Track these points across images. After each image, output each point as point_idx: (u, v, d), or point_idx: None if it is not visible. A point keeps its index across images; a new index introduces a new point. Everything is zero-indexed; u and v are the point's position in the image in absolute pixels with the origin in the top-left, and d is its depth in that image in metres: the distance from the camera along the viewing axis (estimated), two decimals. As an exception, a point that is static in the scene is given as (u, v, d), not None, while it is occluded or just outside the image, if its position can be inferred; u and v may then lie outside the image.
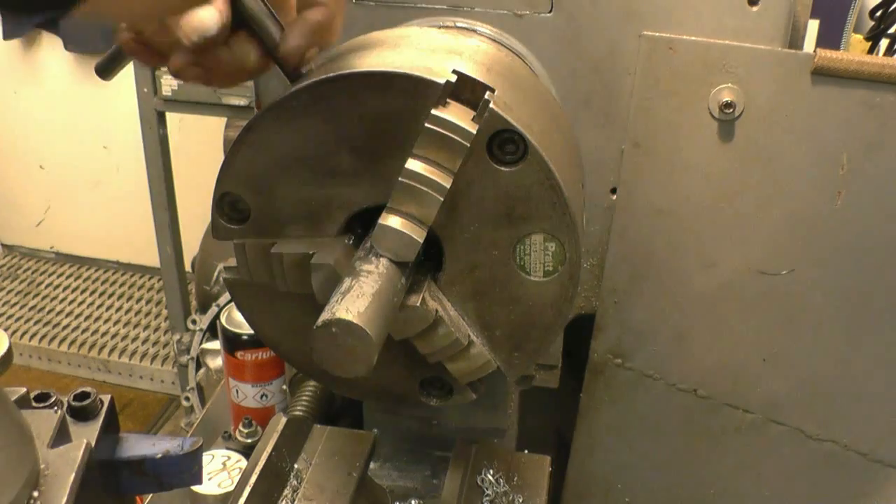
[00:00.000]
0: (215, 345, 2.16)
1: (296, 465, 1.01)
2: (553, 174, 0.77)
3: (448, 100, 0.74)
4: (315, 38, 0.83)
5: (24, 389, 0.64)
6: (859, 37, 1.61)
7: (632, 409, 1.22)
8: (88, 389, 0.66)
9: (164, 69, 2.71)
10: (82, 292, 3.84)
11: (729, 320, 1.14)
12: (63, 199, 3.96)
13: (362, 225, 0.85)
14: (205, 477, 1.15)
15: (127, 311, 3.70)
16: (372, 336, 0.68)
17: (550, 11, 1.05)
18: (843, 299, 1.09)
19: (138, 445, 0.67)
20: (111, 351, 3.46)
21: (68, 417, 0.64)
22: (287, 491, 0.98)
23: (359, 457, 1.03)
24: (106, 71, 0.94)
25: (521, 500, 1.02)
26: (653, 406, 1.21)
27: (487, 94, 0.75)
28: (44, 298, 3.80)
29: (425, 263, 0.84)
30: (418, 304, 0.81)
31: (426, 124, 0.73)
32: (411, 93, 0.76)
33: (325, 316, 0.69)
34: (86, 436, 0.62)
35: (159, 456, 0.66)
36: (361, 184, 0.81)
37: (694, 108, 1.05)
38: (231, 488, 1.15)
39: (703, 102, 1.04)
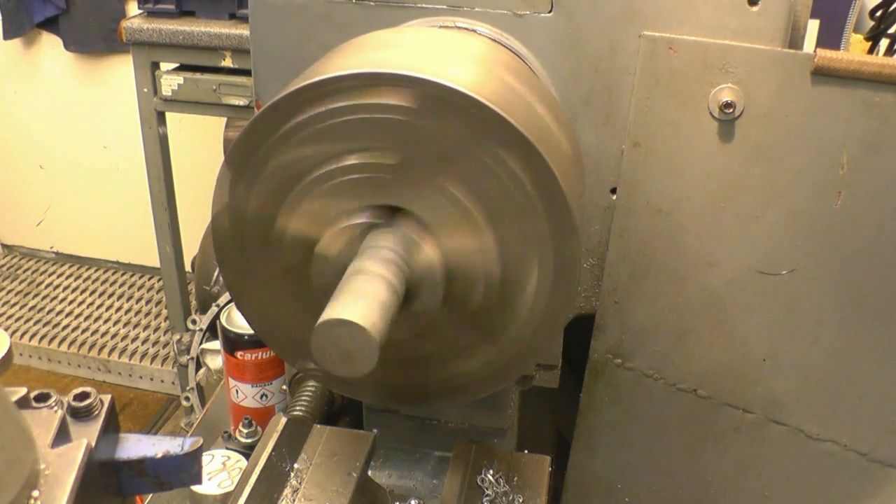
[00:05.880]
0: (215, 345, 2.16)
1: (296, 465, 1.01)
2: (553, 174, 0.77)
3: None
4: None
5: (24, 389, 0.64)
6: (859, 37, 1.61)
7: (632, 409, 1.22)
8: (88, 389, 0.65)
9: (164, 68, 2.72)
10: (82, 292, 3.84)
11: (729, 320, 1.14)
12: (63, 199, 3.96)
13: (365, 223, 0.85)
14: (205, 477, 1.15)
15: (127, 311, 3.70)
16: (374, 336, 0.68)
17: (550, 11, 1.05)
18: (843, 299, 1.09)
19: (138, 445, 0.67)
20: (111, 351, 3.46)
21: (68, 417, 0.63)
22: (287, 491, 0.98)
23: (359, 457, 1.03)
24: None
25: (521, 500, 1.02)
26: (653, 406, 1.21)
27: None
28: (44, 298, 3.80)
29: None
30: (419, 302, 0.81)
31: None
32: (412, 93, 0.76)
33: (325, 316, 0.69)
34: (86, 436, 0.62)
35: (159, 456, 0.66)
36: (363, 183, 0.81)
37: (694, 108, 1.04)
38: (231, 488, 1.15)
39: (703, 102, 1.04)
